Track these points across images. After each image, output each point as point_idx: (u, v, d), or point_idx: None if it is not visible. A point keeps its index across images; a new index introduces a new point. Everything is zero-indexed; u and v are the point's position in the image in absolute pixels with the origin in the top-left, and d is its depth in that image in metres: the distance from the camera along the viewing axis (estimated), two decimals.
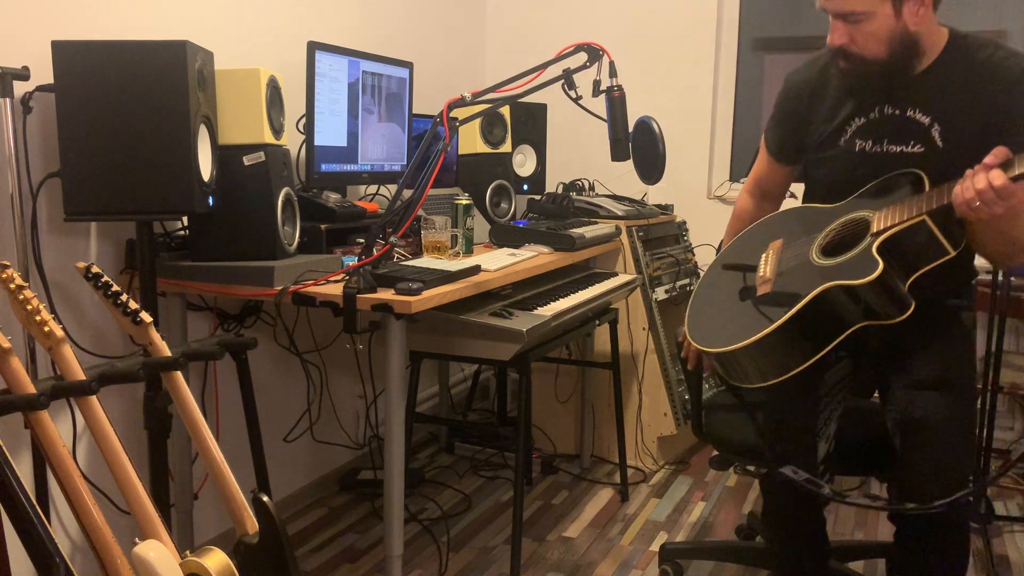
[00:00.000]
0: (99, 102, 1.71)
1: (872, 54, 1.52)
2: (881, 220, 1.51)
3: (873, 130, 1.60)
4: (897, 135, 1.57)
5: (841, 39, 1.53)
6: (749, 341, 1.50)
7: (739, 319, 1.58)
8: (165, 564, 1.30)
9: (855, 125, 1.62)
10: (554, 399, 3.19)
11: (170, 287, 2.02)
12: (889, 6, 1.47)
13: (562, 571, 2.36)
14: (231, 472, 1.53)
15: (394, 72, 2.64)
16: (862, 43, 1.52)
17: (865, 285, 1.44)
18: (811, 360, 1.50)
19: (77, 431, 1.99)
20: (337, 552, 2.46)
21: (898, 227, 1.47)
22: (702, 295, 1.77)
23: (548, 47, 2.39)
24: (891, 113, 1.58)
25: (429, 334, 2.16)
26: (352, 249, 2.24)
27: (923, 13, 1.49)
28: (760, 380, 1.56)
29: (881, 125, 1.59)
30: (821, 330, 1.50)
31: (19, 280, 1.36)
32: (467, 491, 2.89)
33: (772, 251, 1.68)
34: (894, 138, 1.57)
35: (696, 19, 3.41)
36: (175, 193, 1.75)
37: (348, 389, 2.95)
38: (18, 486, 1.20)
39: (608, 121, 2.12)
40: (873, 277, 1.43)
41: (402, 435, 1.95)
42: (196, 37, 2.09)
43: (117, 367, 1.48)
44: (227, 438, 2.39)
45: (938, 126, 1.53)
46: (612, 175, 3.43)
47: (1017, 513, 2.77)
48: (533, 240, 2.64)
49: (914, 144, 1.55)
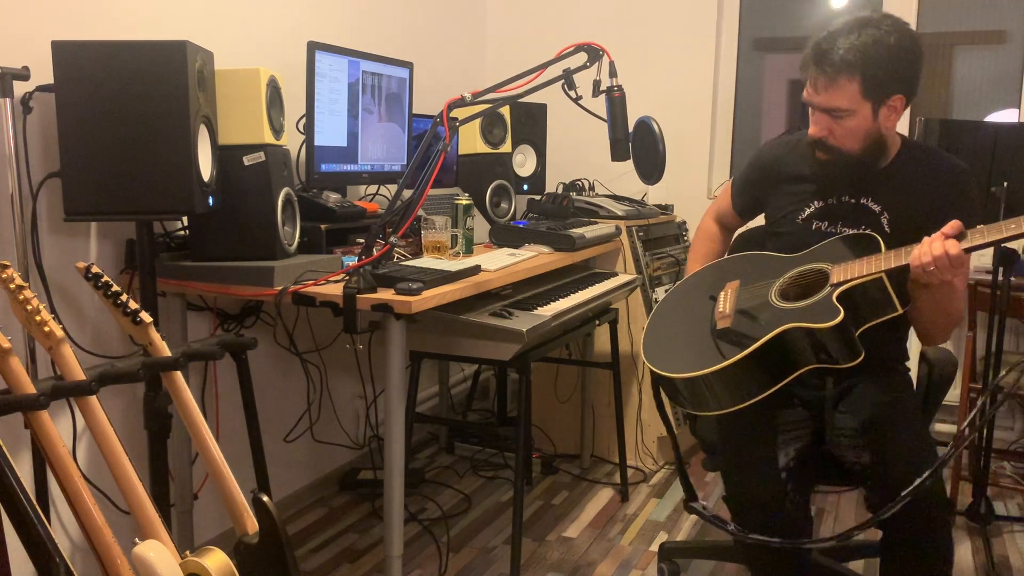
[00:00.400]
0: (99, 102, 1.71)
1: (847, 148, 1.68)
2: (841, 273, 1.63)
3: (830, 213, 1.78)
4: (851, 220, 1.76)
5: (822, 132, 1.69)
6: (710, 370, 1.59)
7: (697, 347, 1.69)
8: (165, 564, 1.30)
9: (814, 206, 1.79)
10: (554, 399, 3.19)
11: (170, 287, 2.02)
12: (869, 107, 1.63)
13: (562, 571, 2.36)
14: (231, 472, 1.53)
15: (394, 72, 2.64)
16: (840, 137, 1.68)
17: (825, 330, 1.55)
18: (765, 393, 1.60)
19: (77, 431, 1.99)
20: (337, 552, 2.46)
21: (858, 280, 1.59)
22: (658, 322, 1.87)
23: (548, 47, 2.39)
24: (847, 200, 1.77)
25: (429, 334, 2.16)
26: (352, 249, 2.24)
27: (893, 119, 1.67)
28: (717, 408, 1.64)
29: (838, 209, 1.77)
30: (777, 366, 1.61)
31: (19, 280, 1.36)
32: (467, 491, 2.89)
33: (730, 289, 1.79)
34: (848, 222, 1.76)
35: (696, 19, 3.41)
36: (175, 193, 1.75)
37: (348, 389, 2.95)
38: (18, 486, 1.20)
39: (608, 121, 2.12)
40: (835, 323, 1.54)
41: (402, 435, 1.95)
42: (196, 37, 2.09)
43: (117, 367, 1.48)
44: (227, 438, 2.39)
45: (887, 215, 1.73)
46: (612, 175, 3.43)
47: (1017, 513, 2.77)
48: (533, 240, 2.64)
49: (865, 229, 1.73)
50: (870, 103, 1.62)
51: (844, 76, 1.60)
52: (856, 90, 1.61)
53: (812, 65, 1.64)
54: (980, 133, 2.39)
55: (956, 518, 2.67)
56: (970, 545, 2.52)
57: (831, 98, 1.62)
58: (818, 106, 1.66)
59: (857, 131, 1.66)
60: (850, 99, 1.62)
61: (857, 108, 1.63)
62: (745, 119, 3.52)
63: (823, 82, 1.62)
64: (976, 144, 2.39)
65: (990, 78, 3.24)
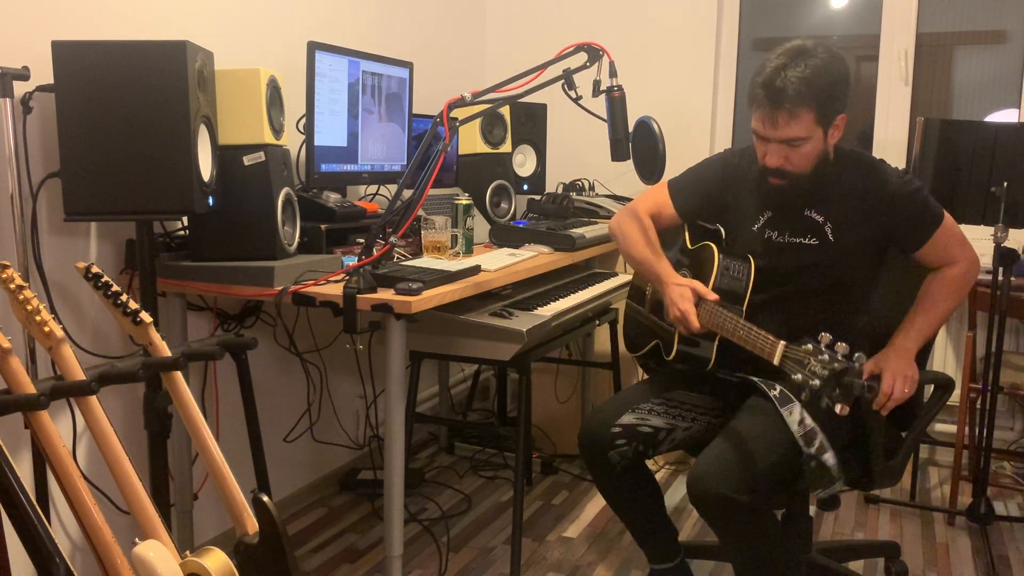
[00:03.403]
0: (99, 102, 1.71)
1: (802, 170, 1.78)
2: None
3: (780, 223, 1.88)
4: (798, 229, 1.86)
5: (779, 161, 1.77)
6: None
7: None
8: (165, 564, 1.30)
9: (765, 217, 1.90)
10: (554, 399, 3.19)
11: (170, 287, 2.02)
12: (821, 132, 1.74)
13: (562, 571, 2.36)
14: (231, 472, 1.53)
15: (394, 72, 2.64)
16: (796, 162, 1.77)
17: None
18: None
19: (77, 431, 1.99)
20: (337, 552, 2.46)
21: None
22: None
23: (548, 47, 2.39)
24: (794, 212, 1.86)
25: (429, 334, 2.16)
26: (352, 249, 2.24)
27: (837, 136, 1.79)
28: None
29: (786, 219, 1.87)
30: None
31: (19, 280, 1.36)
32: (467, 491, 2.89)
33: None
34: (794, 232, 1.86)
35: (696, 19, 3.41)
36: (175, 193, 1.75)
37: (348, 389, 2.95)
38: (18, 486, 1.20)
39: (608, 121, 2.12)
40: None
41: (402, 435, 1.95)
42: (196, 37, 2.09)
43: (117, 367, 1.48)
44: (227, 438, 2.39)
45: (830, 224, 1.83)
46: (612, 175, 3.43)
47: (1017, 513, 2.77)
48: (533, 240, 2.64)
49: (811, 238, 1.85)
50: (821, 128, 1.74)
51: (802, 109, 1.70)
52: (811, 119, 1.71)
53: (767, 104, 1.71)
54: (980, 133, 2.39)
55: (956, 518, 2.67)
56: (970, 545, 2.52)
57: (790, 130, 1.72)
58: (777, 139, 1.74)
59: (811, 155, 1.76)
60: (806, 128, 1.72)
61: (812, 134, 1.73)
62: (745, 119, 3.51)
63: (783, 117, 1.71)
64: (976, 144, 2.38)
65: (990, 78, 3.24)
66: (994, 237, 2.35)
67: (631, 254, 2.03)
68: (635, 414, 1.92)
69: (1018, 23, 3.17)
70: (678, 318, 1.81)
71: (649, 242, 2.01)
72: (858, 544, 2.51)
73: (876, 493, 2.85)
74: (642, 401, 1.95)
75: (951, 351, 3.14)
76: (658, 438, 1.91)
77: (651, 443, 1.91)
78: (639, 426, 1.90)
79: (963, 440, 2.68)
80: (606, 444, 1.89)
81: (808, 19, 3.48)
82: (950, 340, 3.14)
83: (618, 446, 1.89)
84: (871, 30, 3.31)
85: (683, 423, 1.94)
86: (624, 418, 1.91)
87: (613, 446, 1.89)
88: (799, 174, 1.78)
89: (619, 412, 1.92)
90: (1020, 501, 2.86)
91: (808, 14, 3.48)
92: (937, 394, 1.91)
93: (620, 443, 1.89)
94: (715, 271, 1.88)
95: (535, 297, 2.38)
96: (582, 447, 1.95)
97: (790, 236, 1.87)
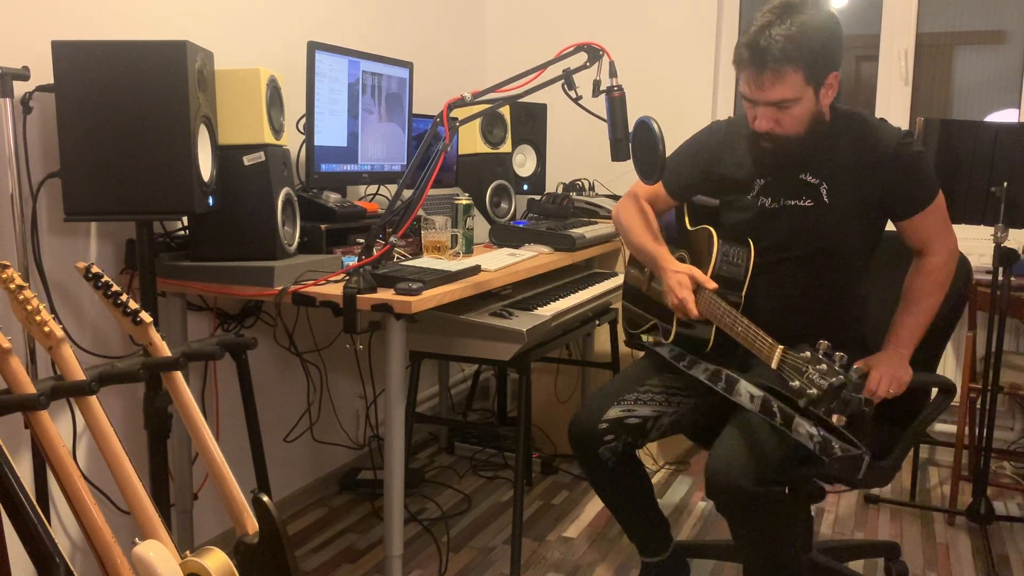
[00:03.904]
0: (99, 102, 1.71)
1: (794, 133, 1.73)
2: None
3: (774, 188, 1.83)
4: (792, 192, 1.81)
5: (769, 124, 1.72)
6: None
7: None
8: (165, 564, 1.30)
9: (759, 184, 1.85)
10: (554, 399, 3.19)
11: (170, 287, 2.02)
12: (812, 91, 1.68)
13: (562, 571, 2.36)
14: (231, 472, 1.53)
15: (394, 72, 2.64)
16: (787, 125, 1.72)
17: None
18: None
19: (77, 431, 1.99)
20: (337, 552, 2.46)
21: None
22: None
23: (548, 47, 2.38)
24: (788, 176, 1.81)
25: (429, 334, 2.16)
26: (352, 249, 2.24)
27: (830, 95, 1.72)
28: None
29: (781, 185, 1.83)
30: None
31: (19, 280, 1.36)
32: (467, 491, 2.89)
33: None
34: (790, 195, 1.82)
35: (696, 19, 3.41)
36: (175, 193, 1.75)
37: (348, 389, 2.95)
38: (18, 486, 1.20)
39: (608, 121, 2.11)
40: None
41: (402, 435, 1.95)
42: (196, 37, 2.09)
43: (117, 367, 1.48)
44: (227, 438, 2.39)
45: (825, 185, 1.78)
46: (612, 175, 3.43)
47: (1017, 513, 2.77)
48: (533, 240, 2.64)
49: (806, 199, 1.80)
50: (812, 87, 1.67)
51: (788, 68, 1.63)
52: (800, 78, 1.65)
53: (751, 65, 1.66)
54: (980, 133, 2.39)
55: (956, 518, 2.67)
56: (970, 545, 2.52)
57: (778, 91, 1.66)
58: (764, 101, 1.69)
59: (803, 116, 1.70)
60: (795, 88, 1.66)
61: (802, 95, 1.67)
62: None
63: (770, 78, 1.65)
64: (976, 144, 2.38)
65: (990, 78, 3.24)
66: (994, 237, 2.35)
67: (629, 239, 2.04)
68: (620, 406, 1.90)
69: (1018, 23, 3.17)
70: (676, 306, 1.79)
71: (648, 227, 1.99)
72: (858, 544, 2.51)
73: (876, 493, 2.85)
74: (626, 392, 1.93)
75: (951, 351, 3.13)
76: (646, 427, 1.90)
77: (640, 434, 1.90)
78: (626, 419, 1.89)
79: (963, 440, 2.68)
80: (595, 441, 1.89)
81: None
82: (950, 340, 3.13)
83: (607, 442, 1.88)
84: (871, 30, 3.31)
85: (669, 408, 1.92)
86: (610, 412, 1.90)
87: (602, 443, 1.88)
88: (791, 137, 1.72)
89: (604, 407, 1.91)
90: (1020, 501, 2.86)
91: None
92: (938, 398, 1.91)
93: (609, 439, 1.88)
94: (714, 258, 1.84)
95: (535, 297, 2.38)
96: (572, 446, 1.94)
97: (784, 199, 1.82)
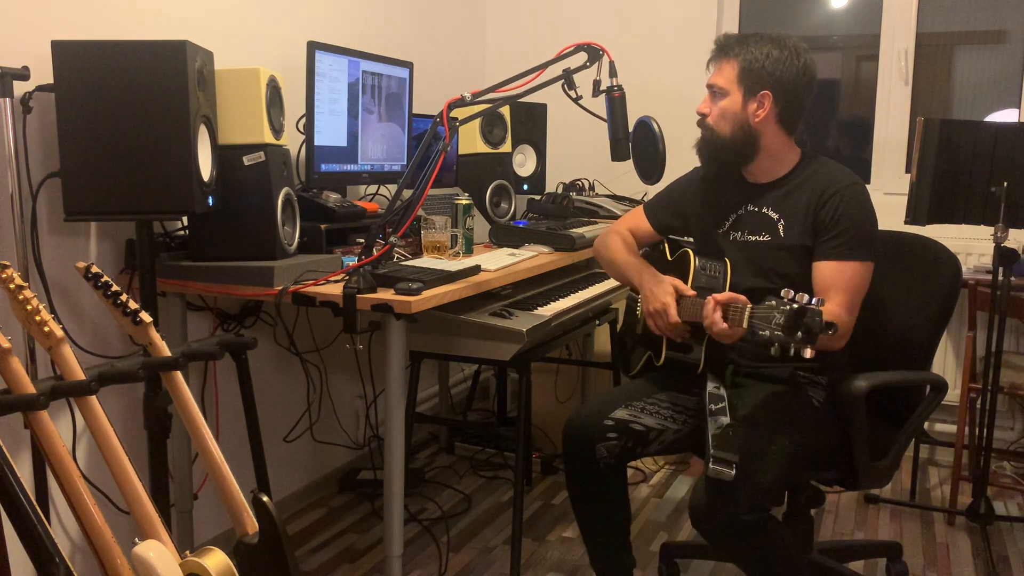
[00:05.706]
0: (99, 102, 1.71)
1: (720, 130, 1.85)
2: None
3: (741, 223, 1.94)
4: (755, 227, 1.91)
5: (704, 107, 1.88)
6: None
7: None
8: (165, 564, 1.30)
9: (731, 219, 1.96)
10: (554, 399, 3.19)
11: (170, 287, 2.02)
12: (740, 94, 1.81)
13: (562, 571, 2.36)
14: (231, 472, 1.53)
15: (394, 72, 2.64)
16: (715, 117, 1.85)
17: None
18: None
19: (77, 431, 1.99)
20: (337, 552, 2.46)
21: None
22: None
23: (548, 47, 2.39)
24: (752, 210, 1.92)
25: (429, 334, 2.16)
26: (352, 249, 2.24)
27: (761, 115, 1.81)
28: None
29: (746, 219, 1.93)
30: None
31: (19, 280, 1.36)
32: (467, 491, 2.89)
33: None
34: (753, 230, 1.92)
35: (696, 19, 3.41)
36: (175, 193, 1.75)
37: (348, 389, 2.95)
38: (18, 486, 1.20)
39: (608, 121, 2.12)
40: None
41: (402, 435, 1.95)
42: (196, 37, 2.09)
43: (117, 367, 1.48)
44: (227, 438, 2.39)
45: (783, 221, 1.87)
46: (612, 175, 3.43)
47: (1017, 513, 2.77)
48: (533, 240, 2.64)
49: (764, 234, 1.89)
50: (741, 89, 1.81)
51: (727, 58, 1.82)
52: (733, 73, 1.81)
53: (712, 52, 1.87)
54: (980, 133, 2.39)
55: (956, 518, 2.67)
56: (970, 545, 2.52)
57: (715, 76, 1.84)
58: (708, 84, 1.86)
59: (727, 113, 1.83)
60: (727, 80, 1.82)
61: (731, 90, 1.81)
62: None
63: (715, 65, 1.85)
64: (976, 144, 2.38)
65: (990, 78, 3.24)
66: (994, 237, 2.35)
67: (613, 259, 2.05)
68: (628, 410, 1.91)
69: (1018, 23, 3.17)
70: (658, 310, 1.80)
71: (630, 249, 2.06)
72: (859, 544, 2.51)
73: (876, 493, 2.85)
74: (635, 399, 1.94)
75: (951, 351, 3.14)
76: (648, 438, 1.90)
77: (641, 442, 1.89)
78: (631, 423, 1.89)
79: (963, 440, 2.68)
80: (597, 435, 1.88)
81: (808, 19, 3.48)
82: (950, 340, 3.14)
83: (608, 439, 1.87)
84: (871, 30, 3.31)
85: (674, 425, 1.92)
86: (618, 412, 1.90)
87: (604, 438, 1.87)
88: (717, 133, 1.85)
89: (612, 406, 1.91)
90: (1020, 501, 2.86)
91: (808, 14, 3.48)
92: (931, 396, 1.91)
93: (611, 436, 1.87)
94: (692, 271, 1.89)
95: (535, 297, 2.38)
96: (569, 438, 1.92)
97: (748, 234, 1.91)
